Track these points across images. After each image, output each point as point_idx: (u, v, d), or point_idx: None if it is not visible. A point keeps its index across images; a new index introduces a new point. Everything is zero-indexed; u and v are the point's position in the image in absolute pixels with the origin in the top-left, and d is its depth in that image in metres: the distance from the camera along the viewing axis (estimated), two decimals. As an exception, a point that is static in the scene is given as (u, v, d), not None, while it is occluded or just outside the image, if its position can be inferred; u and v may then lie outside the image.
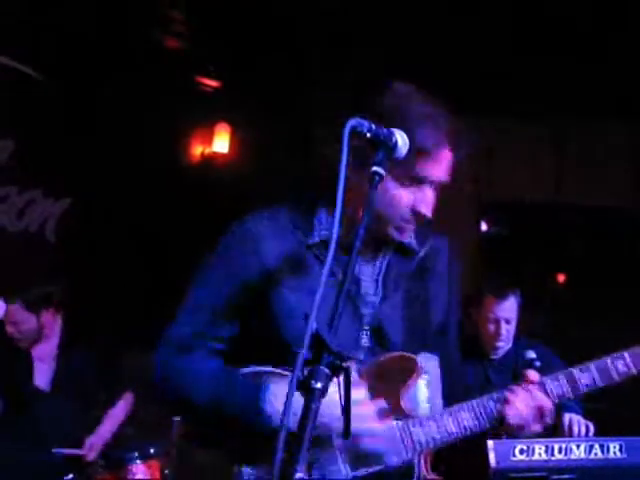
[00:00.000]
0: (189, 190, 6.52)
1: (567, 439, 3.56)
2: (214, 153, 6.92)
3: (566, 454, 3.32)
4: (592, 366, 2.13)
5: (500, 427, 2.07)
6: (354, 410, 1.66)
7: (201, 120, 6.91)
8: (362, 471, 1.97)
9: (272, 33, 6.07)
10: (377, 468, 1.97)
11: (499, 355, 4.26)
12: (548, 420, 2.09)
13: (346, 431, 1.56)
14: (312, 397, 1.40)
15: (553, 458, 3.31)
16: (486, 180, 7.38)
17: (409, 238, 2.15)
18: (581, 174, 7.41)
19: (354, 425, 1.66)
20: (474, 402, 2.08)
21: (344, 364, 1.46)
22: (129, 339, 5.35)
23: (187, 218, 6.37)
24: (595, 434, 3.85)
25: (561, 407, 4.09)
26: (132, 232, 6.12)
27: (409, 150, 1.86)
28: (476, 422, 2.06)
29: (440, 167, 2.01)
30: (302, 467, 1.30)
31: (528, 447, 3.31)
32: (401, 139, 1.82)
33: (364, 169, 1.82)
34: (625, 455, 3.33)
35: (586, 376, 2.13)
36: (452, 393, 2.16)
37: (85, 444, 4.34)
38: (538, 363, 3.95)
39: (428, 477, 2.12)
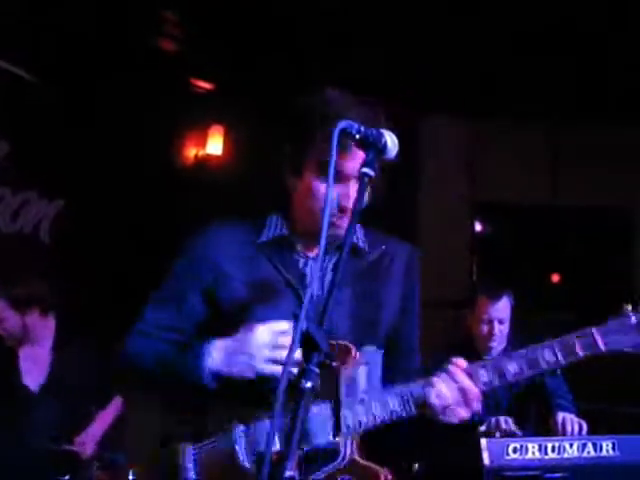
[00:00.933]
0: (183, 192, 6.52)
1: (560, 438, 3.58)
2: (208, 155, 6.92)
3: (559, 453, 3.34)
4: (521, 354, 2.16)
5: (424, 409, 2.11)
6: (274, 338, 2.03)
7: (195, 122, 6.91)
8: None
9: (267, 34, 6.07)
10: (305, 448, 1.98)
11: (493, 355, 4.28)
12: (474, 406, 2.12)
13: (337, 428, 1.57)
14: (303, 396, 1.41)
15: (546, 457, 3.34)
16: (480, 180, 7.40)
17: (354, 237, 2.23)
18: (576, 174, 7.43)
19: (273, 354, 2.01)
20: (402, 387, 2.14)
21: (333, 364, 1.47)
22: (122, 340, 5.34)
23: (181, 220, 6.36)
24: (588, 433, 3.86)
25: (555, 406, 4.11)
26: (126, 234, 6.12)
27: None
28: (402, 406, 2.11)
29: (356, 162, 2.04)
30: (292, 465, 1.31)
31: (522, 446, 3.33)
32: (390, 140, 1.83)
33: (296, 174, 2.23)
34: (618, 453, 3.35)
35: (514, 365, 2.15)
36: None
37: (75, 442, 4.32)
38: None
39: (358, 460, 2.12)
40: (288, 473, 1.31)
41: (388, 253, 2.36)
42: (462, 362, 2.16)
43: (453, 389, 2.11)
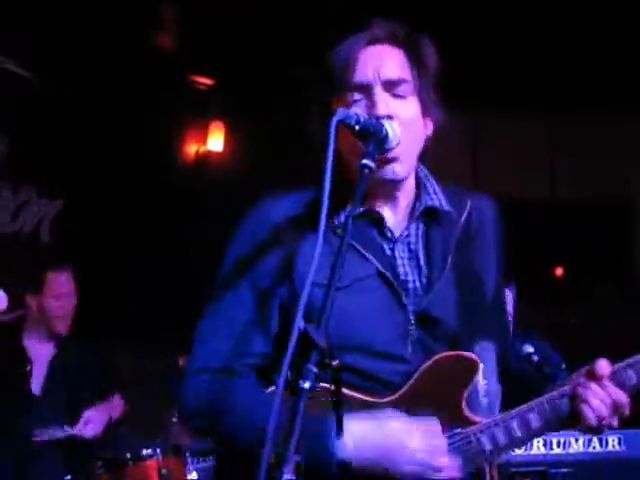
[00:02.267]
0: (184, 189, 6.50)
1: (565, 433, 3.55)
2: (209, 152, 6.90)
3: (565, 448, 3.32)
4: None
5: (576, 426, 1.88)
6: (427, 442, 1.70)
7: (195, 118, 6.89)
8: None
9: (267, 30, 6.04)
10: None
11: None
12: (626, 412, 1.89)
13: (338, 429, 1.53)
14: (300, 397, 1.37)
15: (552, 452, 3.31)
16: (480, 174, 7.38)
17: (403, 172, 1.86)
18: (575, 169, 7.42)
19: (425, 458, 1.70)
20: (543, 401, 1.86)
21: (333, 362, 1.43)
22: (123, 340, 5.34)
23: (182, 217, 6.35)
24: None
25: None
26: (127, 232, 6.10)
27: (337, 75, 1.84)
28: (545, 424, 1.85)
29: (363, 68, 1.84)
30: (290, 468, 1.28)
31: (526, 441, 3.30)
32: (391, 130, 1.76)
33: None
34: (624, 448, 3.33)
35: None
36: (505, 374, 1.97)
37: (78, 422, 4.26)
38: (536, 357, 3.92)
39: None
40: (285, 477, 1.27)
41: (475, 214, 1.99)
42: (607, 365, 1.87)
43: (606, 401, 1.84)
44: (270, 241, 1.87)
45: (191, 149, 6.92)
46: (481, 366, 1.87)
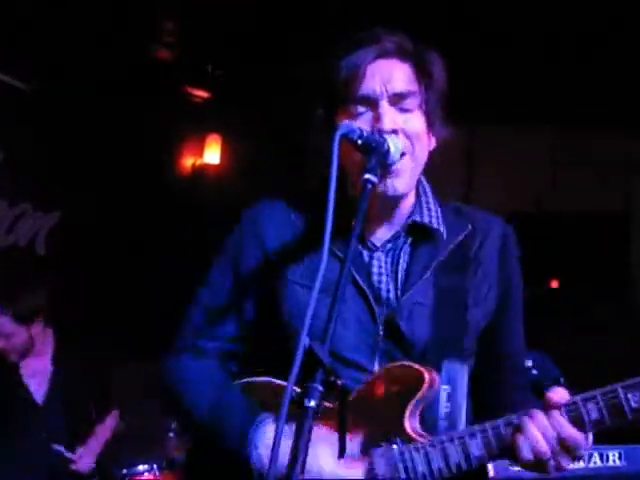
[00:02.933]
0: (180, 201, 6.49)
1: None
2: (205, 164, 6.90)
3: (565, 463, 3.29)
4: None
5: (515, 461, 1.69)
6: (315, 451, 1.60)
7: (192, 131, 6.89)
8: None
9: (264, 43, 6.05)
10: None
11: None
12: (580, 453, 1.68)
13: (341, 451, 1.51)
14: (306, 416, 1.35)
15: (552, 467, 3.28)
16: (478, 185, 7.38)
17: (404, 188, 1.83)
18: (572, 180, 7.42)
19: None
20: (488, 426, 1.70)
21: (339, 381, 1.40)
22: (118, 353, 5.31)
23: (178, 230, 6.33)
24: (594, 443, 3.81)
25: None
26: (123, 245, 6.08)
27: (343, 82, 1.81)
28: (484, 451, 1.69)
29: (370, 81, 1.82)
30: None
31: (526, 457, 3.27)
32: (393, 145, 1.75)
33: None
34: (625, 463, 3.31)
35: (638, 396, 1.63)
36: (489, 413, 1.78)
37: (76, 453, 4.29)
38: (535, 371, 3.91)
39: None
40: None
41: (476, 234, 1.93)
42: (562, 394, 1.67)
43: (550, 436, 1.65)
44: (258, 242, 1.93)
45: (188, 162, 6.92)
46: (442, 386, 1.80)
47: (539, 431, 1.64)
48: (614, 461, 3.31)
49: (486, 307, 1.91)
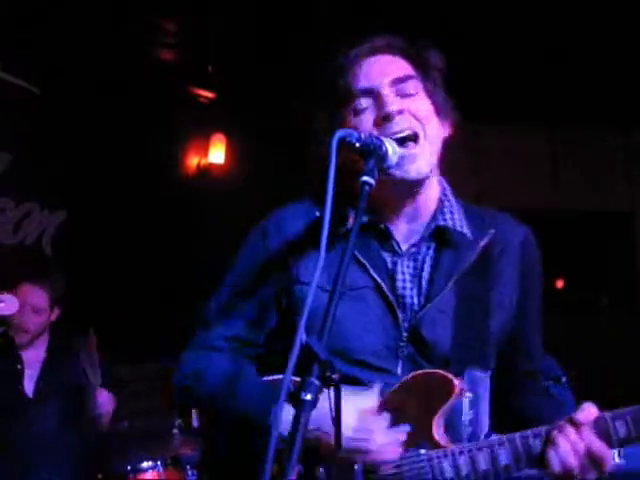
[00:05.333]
0: (185, 201, 6.51)
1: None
2: (210, 164, 6.91)
3: (565, 461, 3.30)
4: None
5: (545, 472, 1.70)
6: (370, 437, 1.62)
7: (197, 131, 6.90)
8: None
9: (268, 43, 6.07)
10: None
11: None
12: (605, 469, 1.69)
13: (337, 444, 1.54)
14: (302, 409, 1.38)
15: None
16: (482, 185, 7.38)
17: (424, 169, 1.82)
18: (577, 180, 7.42)
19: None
20: (517, 436, 1.71)
21: (334, 375, 1.43)
22: (124, 351, 5.33)
23: (184, 229, 6.36)
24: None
25: (562, 416, 4.05)
26: (129, 244, 6.11)
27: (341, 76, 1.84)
28: (514, 462, 1.70)
29: (367, 74, 1.85)
30: (293, 478, 1.28)
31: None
32: (391, 148, 1.76)
33: None
34: (624, 461, 3.31)
35: None
36: (512, 420, 1.85)
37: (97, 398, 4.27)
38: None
39: None
40: (289, 488, 1.28)
41: (498, 240, 1.90)
42: (592, 411, 1.70)
43: (580, 450, 1.67)
44: (275, 252, 1.93)
45: (192, 162, 6.93)
46: (466, 393, 1.80)
47: (570, 446, 1.66)
48: (614, 459, 3.31)
49: (507, 313, 1.91)
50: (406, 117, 1.81)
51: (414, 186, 1.87)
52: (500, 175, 7.39)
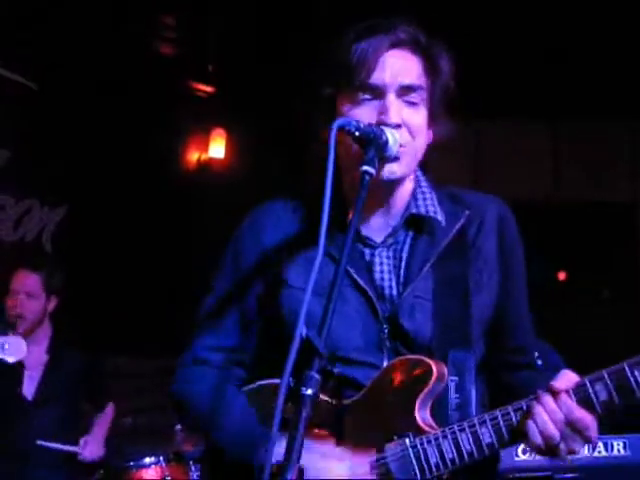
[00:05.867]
0: (185, 196, 6.50)
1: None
2: (210, 159, 6.89)
3: (570, 453, 3.29)
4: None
5: (528, 445, 1.68)
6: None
7: (197, 126, 6.88)
8: None
9: (268, 37, 6.05)
10: None
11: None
12: (590, 435, 1.65)
13: (338, 436, 1.52)
14: (302, 404, 1.36)
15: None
16: (483, 177, 7.37)
17: (400, 172, 1.81)
18: (578, 172, 7.40)
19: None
20: (498, 413, 1.69)
21: (335, 370, 1.42)
22: (125, 348, 5.33)
23: (183, 223, 6.34)
24: (599, 432, 3.81)
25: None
26: (129, 240, 6.10)
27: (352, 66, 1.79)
28: (497, 439, 1.68)
29: (381, 71, 1.80)
30: (292, 476, 1.27)
31: (531, 447, 3.28)
32: (391, 137, 1.74)
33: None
34: (629, 453, 3.31)
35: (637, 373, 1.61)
36: (505, 398, 1.78)
37: (80, 442, 4.28)
38: (539, 362, 3.90)
39: None
40: (288, 485, 1.26)
41: (473, 219, 1.89)
42: (570, 377, 1.67)
43: (559, 419, 1.63)
44: (257, 247, 1.92)
45: (193, 156, 6.91)
46: (448, 377, 1.78)
47: (547, 415, 1.63)
48: (619, 451, 3.31)
49: (490, 292, 1.88)
50: (402, 132, 1.80)
51: (387, 188, 1.86)
52: (500, 165, 7.37)
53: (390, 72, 1.81)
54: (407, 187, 1.93)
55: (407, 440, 1.72)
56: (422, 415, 1.75)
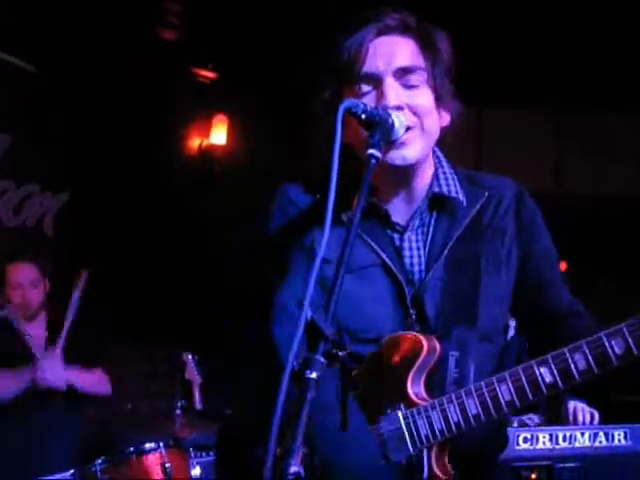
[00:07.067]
0: (187, 182, 6.49)
1: (572, 427, 3.53)
2: (212, 145, 6.88)
3: (571, 442, 3.29)
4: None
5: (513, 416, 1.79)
6: None
7: (198, 112, 6.87)
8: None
9: (269, 23, 6.02)
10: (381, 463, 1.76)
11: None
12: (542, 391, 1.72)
13: (343, 423, 1.52)
14: (307, 387, 1.35)
15: (558, 446, 3.28)
16: (485, 169, 7.36)
17: (412, 156, 1.82)
18: (581, 163, 7.39)
19: None
20: (483, 384, 1.75)
21: (340, 353, 1.41)
22: (127, 335, 5.33)
23: (186, 210, 6.33)
24: (600, 422, 3.82)
25: (565, 395, 4.05)
26: (130, 225, 6.09)
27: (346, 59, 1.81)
28: (482, 410, 1.73)
29: (373, 58, 1.82)
30: (297, 461, 1.26)
31: (532, 435, 3.28)
32: (397, 120, 1.74)
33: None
34: (630, 442, 3.30)
35: (580, 357, 1.68)
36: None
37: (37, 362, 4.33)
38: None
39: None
40: (293, 469, 1.26)
41: (491, 201, 1.93)
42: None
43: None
44: (288, 228, 1.93)
45: (194, 142, 6.90)
46: (430, 344, 1.80)
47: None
48: (619, 440, 3.30)
49: (509, 269, 1.91)
50: (404, 113, 1.79)
51: (405, 172, 1.87)
52: (503, 156, 7.35)
53: (383, 58, 1.81)
54: (428, 169, 1.94)
55: (399, 412, 1.78)
56: (414, 389, 1.80)
